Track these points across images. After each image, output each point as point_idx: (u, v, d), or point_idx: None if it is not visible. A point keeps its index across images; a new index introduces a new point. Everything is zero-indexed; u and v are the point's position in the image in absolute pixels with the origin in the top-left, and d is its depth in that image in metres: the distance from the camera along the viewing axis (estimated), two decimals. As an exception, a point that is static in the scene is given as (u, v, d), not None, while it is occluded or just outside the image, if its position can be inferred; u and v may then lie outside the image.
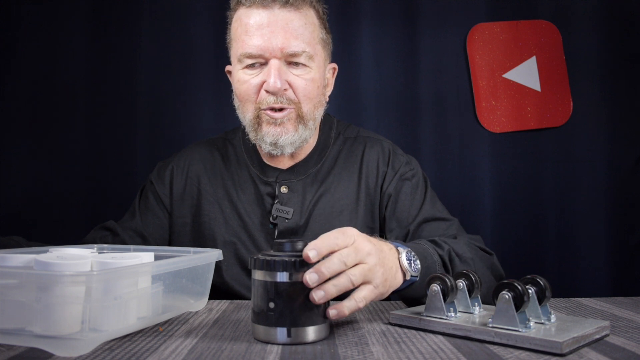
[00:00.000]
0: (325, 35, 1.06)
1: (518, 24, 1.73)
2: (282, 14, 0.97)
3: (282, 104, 1.00)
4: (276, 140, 1.01)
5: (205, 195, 1.11)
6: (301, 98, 1.01)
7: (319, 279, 0.63)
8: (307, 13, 1.00)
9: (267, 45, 0.97)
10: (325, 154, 1.12)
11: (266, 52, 0.98)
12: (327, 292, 0.64)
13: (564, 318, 0.69)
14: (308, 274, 0.63)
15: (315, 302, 0.63)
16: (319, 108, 1.07)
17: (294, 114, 1.01)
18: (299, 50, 0.98)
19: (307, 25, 1.00)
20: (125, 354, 0.59)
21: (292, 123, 1.02)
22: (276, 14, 0.97)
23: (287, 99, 1.00)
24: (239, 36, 1.00)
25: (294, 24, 0.98)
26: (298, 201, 1.07)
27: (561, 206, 1.69)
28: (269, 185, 1.09)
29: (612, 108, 1.70)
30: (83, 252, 0.76)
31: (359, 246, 0.68)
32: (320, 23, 1.04)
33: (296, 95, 1.01)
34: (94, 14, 1.67)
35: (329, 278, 0.64)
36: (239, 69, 1.02)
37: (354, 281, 0.66)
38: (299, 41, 0.98)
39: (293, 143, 1.03)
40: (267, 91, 0.99)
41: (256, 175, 1.10)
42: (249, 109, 1.03)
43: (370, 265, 0.69)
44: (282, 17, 0.97)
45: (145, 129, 1.67)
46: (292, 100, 1.01)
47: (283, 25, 0.97)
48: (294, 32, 0.98)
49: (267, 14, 0.97)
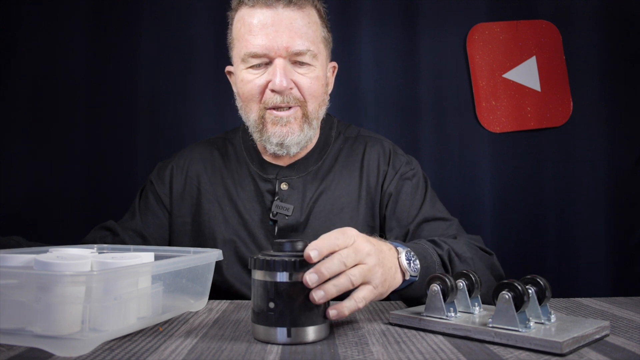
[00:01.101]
0: (326, 34, 1.07)
1: (518, 24, 1.73)
2: (286, 13, 0.98)
3: (289, 103, 1.00)
4: (282, 140, 1.02)
5: (204, 195, 1.11)
6: (307, 97, 1.02)
7: (319, 279, 0.63)
8: (309, 12, 1.01)
9: (272, 45, 0.97)
10: (326, 153, 1.13)
11: (271, 51, 0.98)
12: (327, 292, 0.64)
13: (564, 318, 0.69)
14: (308, 274, 0.63)
15: (315, 302, 0.63)
16: (323, 107, 1.08)
17: (300, 112, 1.02)
18: (304, 49, 0.99)
19: (310, 24, 1.00)
20: (125, 354, 0.59)
21: (298, 123, 1.02)
22: (280, 13, 0.98)
23: (293, 98, 1.01)
24: (243, 36, 1.00)
25: (297, 23, 0.98)
26: (298, 198, 1.07)
27: (561, 206, 1.69)
28: (269, 182, 1.09)
29: (612, 108, 1.70)
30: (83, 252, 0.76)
31: (359, 247, 0.69)
32: (321, 22, 1.05)
33: (302, 94, 1.01)
34: (94, 14, 1.67)
35: (329, 278, 0.65)
36: (242, 69, 1.02)
37: (354, 281, 0.67)
38: (303, 40, 0.99)
39: (299, 143, 1.04)
40: (273, 90, 0.99)
41: (256, 172, 1.10)
42: (253, 109, 1.03)
43: (369, 265, 0.69)
44: (286, 16, 0.98)
45: (145, 129, 1.67)
46: (298, 99, 1.01)
47: (287, 24, 0.98)
48: (298, 31, 0.98)
49: (271, 14, 0.98)
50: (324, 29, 1.06)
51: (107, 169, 1.66)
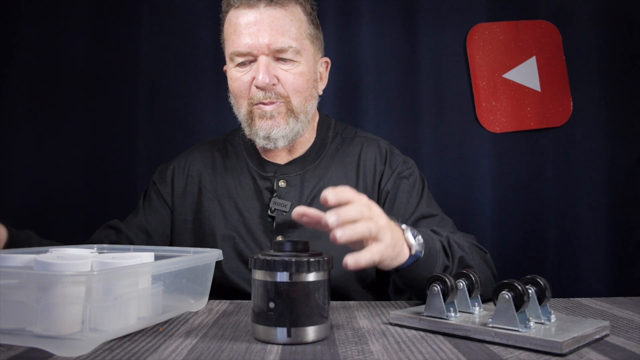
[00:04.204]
0: (313, 30, 1.09)
1: (518, 24, 1.73)
2: (268, 12, 1.02)
3: (271, 98, 1.03)
4: (268, 133, 1.05)
5: (205, 193, 1.14)
6: (290, 92, 1.05)
7: (338, 219, 0.67)
8: (293, 10, 1.04)
9: (254, 43, 1.01)
10: (323, 152, 1.15)
11: (254, 49, 1.02)
12: (346, 232, 0.67)
13: (564, 318, 0.69)
14: (329, 214, 0.67)
15: (337, 241, 0.66)
16: (311, 101, 1.10)
17: (283, 107, 1.05)
18: (285, 46, 1.02)
19: (293, 21, 1.03)
20: (125, 354, 0.59)
21: (283, 117, 1.05)
22: (262, 12, 1.02)
23: (275, 94, 1.04)
24: (230, 36, 1.05)
25: (279, 21, 1.02)
26: (296, 195, 1.10)
27: (561, 206, 1.69)
28: (268, 180, 1.11)
29: (612, 108, 1.70)
30: (83, 252, 0.76)
31: (372, 206, 0.74)
32: (307, 19, 1.07)
33: (285, 89, 1.04)
34: (94, 15, 1.67)
35: None
36: (231, 67, 1.07)
37: (371, 229, 0.69)
38: (285, 37, 1.02)
39: (285, 136, 1.06)
40: (256, 87, 1.03)
41: (255, 170, 1.13)
42: (242, 104, 1.07)
43: (381, 224, 0.72)
44: (268, 15, 1.01)
45: (145, 129, 1.68)
46: (282, 94, 1.04)
47: (269, 22, 1.01)
48: (280, 29, 1.02)
49: (254, 13, 1.02)
50: (310, 25, 1.08)
51: (108, 169, 1.66)
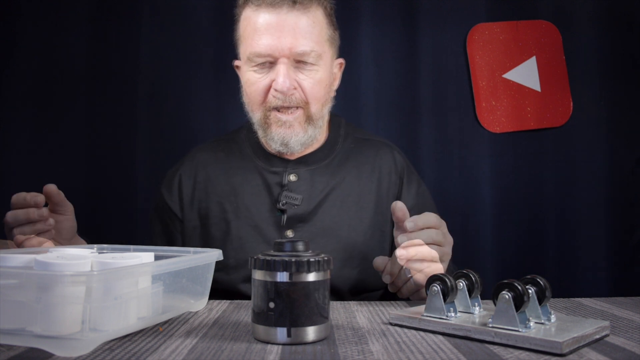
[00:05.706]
0: (332, 32, 1.08)
1: (518, 24, 1.73)
2: (291, 14, 0.99)
3: (290, 103, 1.02)
4: (286, 141, 1.04)
5: (212, 197, 1.12)
6: (310, 99, 1.03)
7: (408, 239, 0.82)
8: (315, 13, 1.02)
9: (276, 45, 0.99)
10: (335, 150, 1.14)
11: (275, 51, 0.99)
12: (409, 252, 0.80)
13: (564, 318, 0.69)
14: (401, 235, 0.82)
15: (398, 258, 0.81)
16: (327, 105, 1.09)
17: (302, 115, 1.04)
18: (308, 49, 1.00)
19: (315, 25, 1.01)
20: (125, 354, 0.59)
21: (301, 125, 1.04)
22: (285, 14, 0.99)
23: (295, 99, 1.02)
24: (248, 35, 1.02)
25: (302, 24, 1.00)
26: (307, 189, 1.08)
27: (561, 206, 1.69)
28: (277, 175, 1.10)
29: (612, 108, 1.70)
30: (83, 252, 0.76)
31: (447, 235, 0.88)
32: (327, 21, 1.06)
33: (305, 95, 1.03)
34: (94, 15, 1.67)
35: None
36: (247, 68, 1.04)
37: (433, 256, 0.82)
38: (307, 40, 1.00)
39: (303, 143, 1.06)
40: (275, 90, 1.01)
41: (262, 167, 1.11)
42: (257, 109, 1.06)
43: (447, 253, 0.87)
44: (291, 18, 0.99)
45: (145, 129, 1.67)
46: (301, 100, 1.03)
47: (292, 25, 0.99)
48: (303, 32, 1.00)
49: (276, 15, 0.99)
50: (330, 27, 1.06)
51: (107, 170, 1.66)
